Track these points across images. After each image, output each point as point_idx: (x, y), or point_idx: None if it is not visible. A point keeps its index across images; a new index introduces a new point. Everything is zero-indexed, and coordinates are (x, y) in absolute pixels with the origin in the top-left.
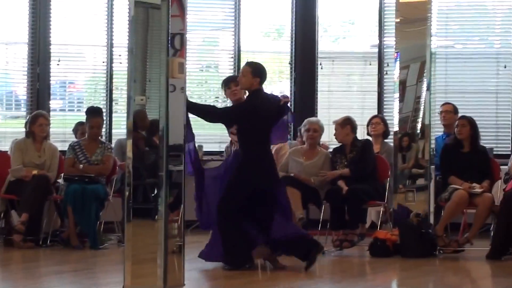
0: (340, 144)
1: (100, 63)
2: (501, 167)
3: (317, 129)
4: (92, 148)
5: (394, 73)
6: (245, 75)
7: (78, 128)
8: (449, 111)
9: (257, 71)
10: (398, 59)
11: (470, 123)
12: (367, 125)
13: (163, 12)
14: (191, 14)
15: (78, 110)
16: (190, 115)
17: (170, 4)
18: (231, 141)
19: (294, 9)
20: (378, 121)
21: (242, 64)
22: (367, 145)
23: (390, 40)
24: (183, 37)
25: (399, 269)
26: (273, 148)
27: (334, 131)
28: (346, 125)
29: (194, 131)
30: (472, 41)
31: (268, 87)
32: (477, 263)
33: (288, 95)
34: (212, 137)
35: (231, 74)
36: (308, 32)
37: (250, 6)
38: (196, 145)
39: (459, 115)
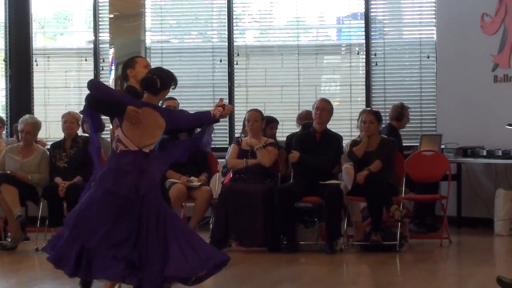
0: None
1: None
2: (219, 160)
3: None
4: None
5: (111, 69)
6: None
7: None
8: (172, 106)
9: None
10: (113, 55)
11: None
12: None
13: None
14: None
15: None
16: None
17: None
18: None
19: (7, 4)
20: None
21: None
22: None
23: (105, 36)
24: None
25: None
26: None
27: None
28: None
29: None
30: (189, 36)
31: None
32: None
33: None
34: None
35: None
36: (22, 28)
37: None
38: None
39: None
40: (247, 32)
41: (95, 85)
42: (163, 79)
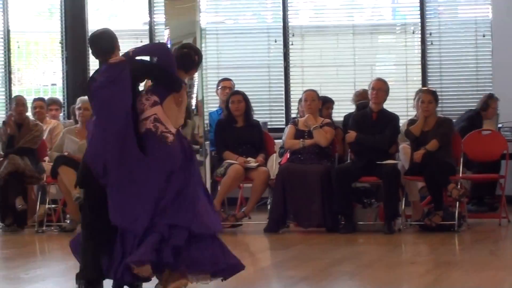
0: None
1: None
2: (276, 141)
3: (88, 108)
4: None
5: None
6: None
7: None
8: (226, 86)
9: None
10: (169, 36)
11: (244, 98)
12: None
13: None
14: None
15: None
16: None
17: None
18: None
19: None
20: None
21: (13, 45)
22: None
23: (160, 17)
24: None
25: None
26: (47, 127)
27: None
28: None
29: None
30: (243, 17)
31: (41, 67)
32: (256, 236)
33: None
34: None
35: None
36: (77, 11)
37: None
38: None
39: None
40: (301, 12)
41: (168, 51)
42: (200, 56)
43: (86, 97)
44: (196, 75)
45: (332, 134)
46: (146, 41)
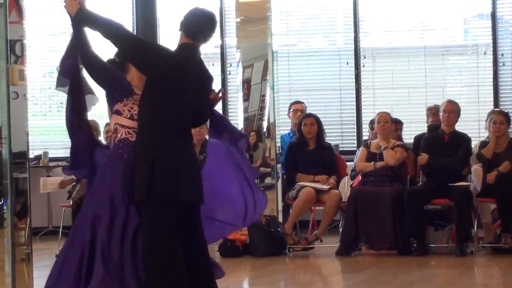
0: None
1: None
2: (347, 163)
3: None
4: None
5: (238, 71)
6: None
7: None
8: (298, 109)
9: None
10: (240, 58)
11: (317, 121)
12: None
13: (1, 19)
14: (30, 20)
15: None
16: None
17: (8, 10)
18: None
19: (134, 10)
20: None
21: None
22: None
23: (231, 40)
24: (23, 44)
25: (250, 268)
26: None
27: None
28: None
29: (38, 136)
30: (314, 39)
31: None
32: (327, 259)
33: None
34: (58, 143)
35: None
36: (149, 33)
37: (91, 8)
38: (42, 152)
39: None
40: (372, 34)
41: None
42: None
43: None
44: (267, 97)
45: (403, 154)
46: (218, 64)
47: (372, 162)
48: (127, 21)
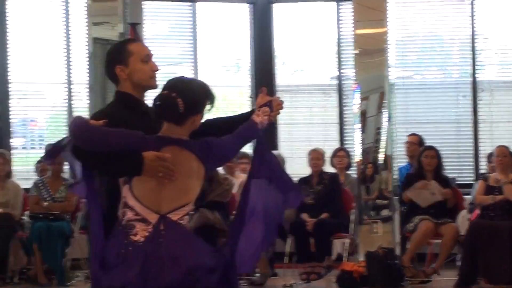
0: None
1: (61, 100)
2: (465, 196)
3: None
4: (56, 185)
5: (353, 103)
6: None
7: (40, 166)
8: (413, 142)
9: None
10: (357, 90)
11: (437, 154)
12: (332, 158)
13: None
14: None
15: (40, 147)
16: None
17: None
18: None
19: (251, 42)
20: (343, 154)
21: None
22: (336, 178)
23: (347, 72)
24: None
25: None
26: (237, 181)
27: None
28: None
29: None
30: (430, 72)
31: None
32: None
33: None
34: None
35: None
36: (266, 65)
37: (207, 40)
38: None
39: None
40: (489, 67)
41: (78, 131)
42: (188, 98)
43: None
44: (382, 129)
45: None
46: (334, 96)
47: (491, 196)
48: (244, 54)
